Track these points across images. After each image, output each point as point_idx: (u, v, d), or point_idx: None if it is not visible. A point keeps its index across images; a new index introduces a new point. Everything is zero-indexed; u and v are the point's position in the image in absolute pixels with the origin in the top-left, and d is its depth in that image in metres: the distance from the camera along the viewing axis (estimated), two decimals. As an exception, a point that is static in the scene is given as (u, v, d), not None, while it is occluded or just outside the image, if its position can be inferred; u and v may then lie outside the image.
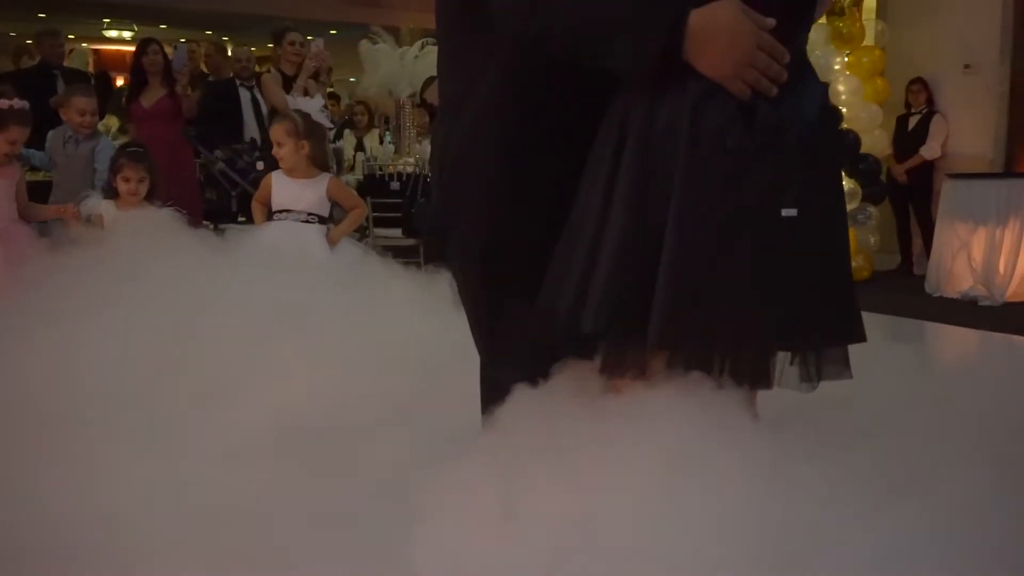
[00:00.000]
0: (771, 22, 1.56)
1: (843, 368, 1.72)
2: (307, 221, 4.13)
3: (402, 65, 7.69)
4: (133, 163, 4.42)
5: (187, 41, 8.47)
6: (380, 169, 7.62)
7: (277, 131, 4.19)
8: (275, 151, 4.22)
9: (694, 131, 1.54)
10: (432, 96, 6.40)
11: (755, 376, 1.64)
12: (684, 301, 1.54)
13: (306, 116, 4.19)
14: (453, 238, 1.89)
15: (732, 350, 1.60)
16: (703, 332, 1.56)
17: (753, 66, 1.54)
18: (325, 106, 4.47)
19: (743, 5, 1.55)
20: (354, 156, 8.16)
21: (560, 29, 1.62)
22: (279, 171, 4.22)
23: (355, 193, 4.49)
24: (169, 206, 4.31)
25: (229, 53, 17.63)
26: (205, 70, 8.70)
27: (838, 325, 1.67)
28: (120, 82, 13.58)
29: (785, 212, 1.55)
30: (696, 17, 1.54)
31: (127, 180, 4.37)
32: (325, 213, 4.20)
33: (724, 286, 1.54)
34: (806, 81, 1.64)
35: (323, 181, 4.18)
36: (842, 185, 1.74)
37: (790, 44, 1.59)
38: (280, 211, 4.16)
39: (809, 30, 1.72)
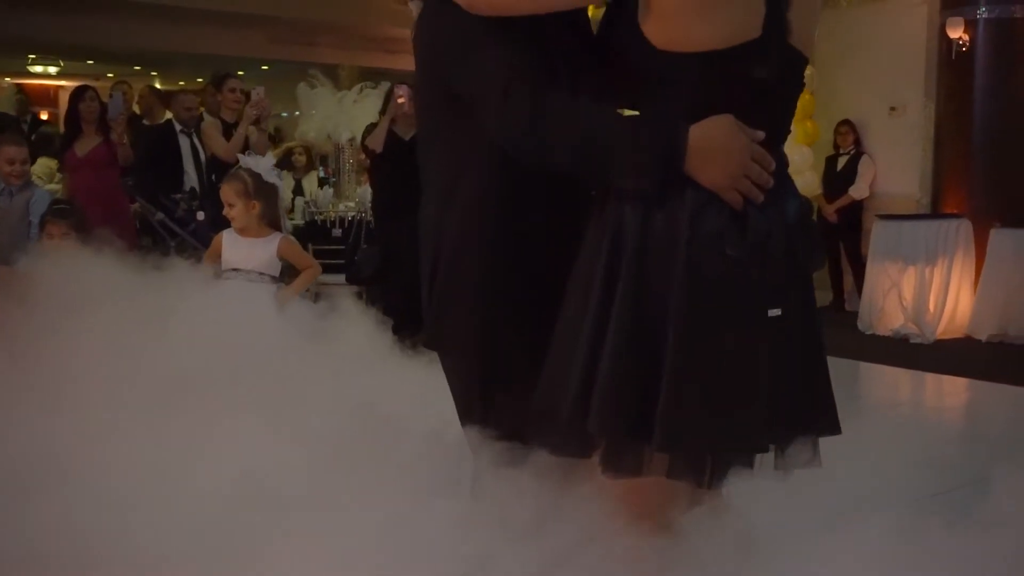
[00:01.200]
0: (761, 135, 1.64)
1: (813, 456, 1.77)
2: (256, 280, 4.07)
3: (341, 109, 7.67)
4: (56, 219, 4.42)
5: (120, 82, 8.33)
6: (320, 214, 7.58)
7: (227, 191, 4.12)
8: (226, 211, 4.14)
9: (693, 238, 1.60)
10: (374, 143, 6.39)
11: (737, 469, 1.69)
12: (687, 406, 1.59)
13: (256, 176, 4.13)
14: (446, 331, 1.90)
15: (731, 450, 1.65)
16: (704, 435, 1.61)
17: (747, 176, 1.61)
18: (276, 164, 4.41)
19: (735, 119, 1.62)
20: (292, 200, 8.08)
21: (560, 147, 1.67)
22: (230, 230, 4.15)
23: (307, 254, 4.42)
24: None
25: (158, 85, 17.37)
26: (137, 111, 8.57)
27: (817, 418, 1.74)
28: (45, 116, 13.33)
29: (771, 312, 1.62)
30: (695, 133, 1.60)
31: (51, 236, 4.36)
32: (276, 273, 4.14)
33: (724, 389, 1.60)
34: (785, 186, 1.72)
35: (274, 241, 4.12)
36: (812, 281, 1.80)
37: (773, 152, 1.67)
38: (229, 270, 4.10)
39: (786, 139, 1.79)
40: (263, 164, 4.24)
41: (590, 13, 1.94)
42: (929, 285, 7.48)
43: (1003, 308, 7.30)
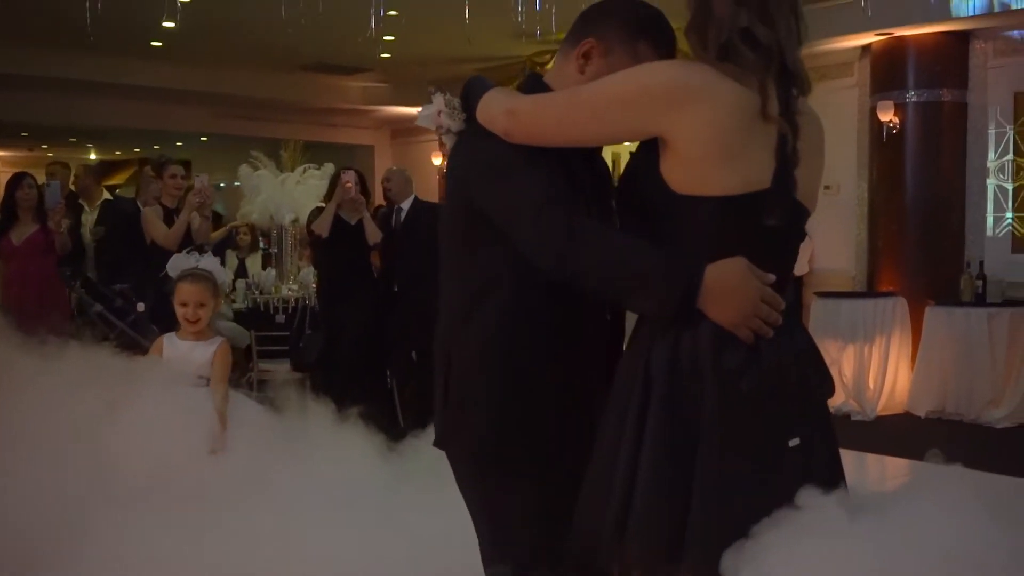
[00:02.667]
0: (771, 277, 1.74)
1: None
2: (199, 384, 3.87)
3: (283, 191, 7.60)
4: None
5: (55, 163, 8.20)
6: (261, 293, 7.47)
7: (199, 292, 3.91)
8: (191, 312, 3.91)
9: (715, 374, 1.70)
10: (320, 228, 6.37)
11: None
12: (714, 532, 1.67)
13: (212, 273, 4.05)
14: (457, 439, 2.00)
15: None
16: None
17: (757, 316, 1.71)
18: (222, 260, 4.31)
19: (748, 262, 1.73)
20: (234, 282, 7.97)
21: (591, 270, 1.80)
22: (170, 334, 4.01)
23: (227, 370, 4.00)
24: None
25: (93, 156, 17.03)
26: (73, 189, 8.43)
27: None
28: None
29: (791, 443, 1.73)
30: (711, 274, 1.72)
31: None
32: None
33: (747, 514, 1.67)
34: (794, 319, 1.84)
35: (214, 344, 3.95)
36: (827, 407, 1.90)
37: (783, 293, 1.77)
38: None
39: (792, 279, 1.90)
40: (213, 263, 4.14)
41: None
42: (868, 362, 7.63)
43: (940, 385, 7.46)
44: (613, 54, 1.95)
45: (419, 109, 2.08)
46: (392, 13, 7.79)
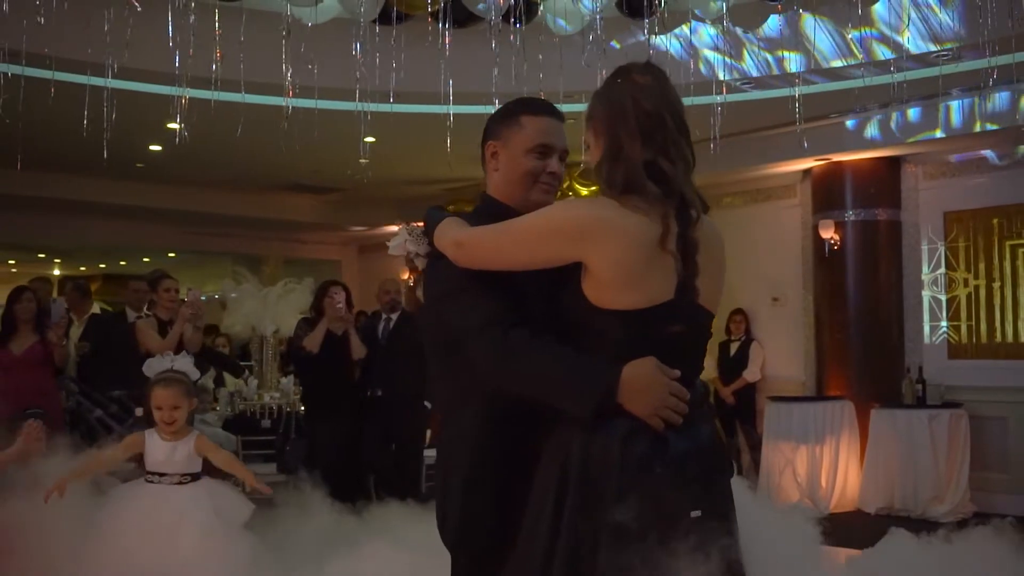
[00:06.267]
0: (677, 373, 2.06)
1: None
2: (181, 483, 4.12)
3: (265, 304, 7.98)
4: None
5: (37, 280, 8.46)
6: (245, 401, 7.74)
7: (173, 395, 4.16)
8: (166, 415, 4.14)
9: (624, 459, 1.99)
10: (312, 344, 6.75)
11: None
12: None
13: (186, 374, 4.28)
14: (443, 535, 2.28)
15: None
16: None
17: (666, 406, 2.03)
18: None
19: (657, 361, 2.04)
20: (215, 391, 8.25)
21: (521, 379, 2.09)
22: (151, 431, 4.19)
23: (216, 445, 4.31)
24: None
25: (57, 272, 17.07)
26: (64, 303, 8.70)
27: None
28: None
29: (693, 514, 2.01)
30: (626, 373, 2.01)
31: None
32: (198, 468, 4.20)
33: None
34: (701, 413, 2.15)
35: (191, 439, 4.18)
36: (728, 488, 2.18)
37: (689, 386, 2.09)
38: (153, 473, 4.14)
39: (700, 374, 2.24)
40: (187, 364, 4.36)
41: None
42: (820, 462, 8.08)
43: (887, 482, 7.92)
44: (508, 141, 2.32)
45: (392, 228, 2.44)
46: (369, 140, 8.31)
